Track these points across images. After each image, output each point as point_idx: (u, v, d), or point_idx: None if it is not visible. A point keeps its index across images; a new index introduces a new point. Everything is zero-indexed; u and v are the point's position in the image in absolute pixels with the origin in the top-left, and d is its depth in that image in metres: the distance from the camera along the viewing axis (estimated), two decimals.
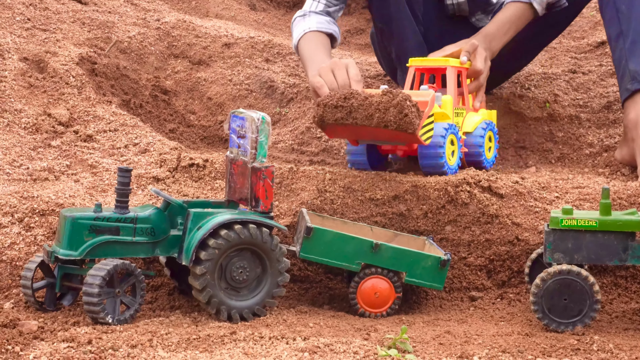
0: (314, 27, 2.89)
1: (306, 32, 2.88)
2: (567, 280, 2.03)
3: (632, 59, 2.74)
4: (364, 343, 1.87)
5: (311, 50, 2.82)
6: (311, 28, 2.88)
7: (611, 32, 2.82)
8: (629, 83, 2.73)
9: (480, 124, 2.58)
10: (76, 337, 1.84)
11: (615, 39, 2.80)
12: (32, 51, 2.90)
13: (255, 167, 2.06)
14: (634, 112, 2.70)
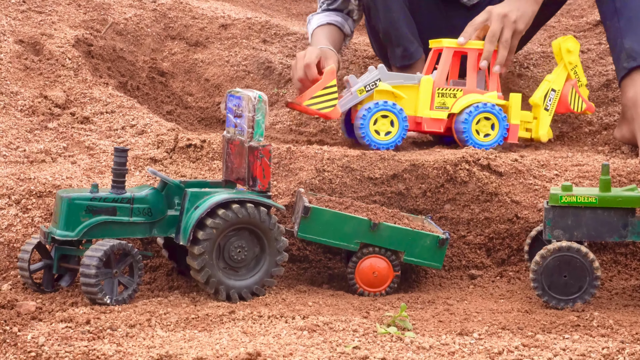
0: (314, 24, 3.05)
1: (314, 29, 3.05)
2: (567, 257, 2.02)
3: (627, 37, 2.73)
4: (363, 321, 1.86)
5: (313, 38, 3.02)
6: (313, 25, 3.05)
7: (605, 9, 2.81)
8: (625, 61, 2.72)
9: (470, 107, 2.54)
10: (74, 318, 1.84)
11: (610, 17, 2.78)
12: (28, 33, 2.88)
13: (253, 146, 2.05)
14: (633, 91, 2.69)
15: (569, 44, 2.67)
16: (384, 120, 2.50)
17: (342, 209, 2.19)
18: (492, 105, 2.55)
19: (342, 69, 3.30)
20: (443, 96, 2.55)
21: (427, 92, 2.55)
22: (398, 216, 2.24)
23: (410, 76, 2.58)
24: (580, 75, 2.68)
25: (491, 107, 2.55)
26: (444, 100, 2.56)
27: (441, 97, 2.56)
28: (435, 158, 2.40)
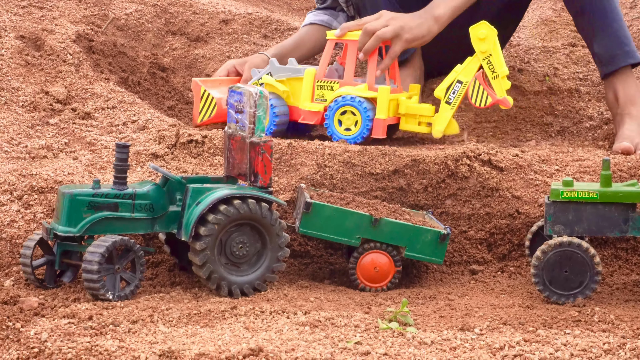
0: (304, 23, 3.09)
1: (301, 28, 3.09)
2: (568, 252, 2.03)
3: (595, 41, 2.74)
4: (365, 317, 1.87)
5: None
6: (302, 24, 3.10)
7: (570, 9, 2.81)
8: (599, 67, 2.75)
9: (335, 99, 2.49)
10: (77, 313, 1.84)
11: (576, 17, 2.79)
12: (29, 29, 2.88)
13: (254, 142, 2.05)
14: (610, 93, 2.74)
15: (481, 30, 2.44)
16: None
17: (344, 205, 2.20)
18: (351, 98, 2.46)
19: None
20: (322, 88, 2.54)
21: (309, 84, 2.54)
22: (399, 211, 2.24)
23: (297, 69, 2.58)
24: (497, 65, 2.44)
25: (351, 100, 2.46)
26: (322, 93, 2.54)
27: (320, 89, 2.54)
28: (437, 153, 2.40)
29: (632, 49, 2.72)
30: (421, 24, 2.56)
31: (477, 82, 2.47)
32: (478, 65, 2.48)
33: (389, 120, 2.48)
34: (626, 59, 2.70)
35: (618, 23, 2.72)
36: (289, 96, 2.57)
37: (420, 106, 2.54)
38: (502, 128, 2.98)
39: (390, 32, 2.52)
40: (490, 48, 2.45)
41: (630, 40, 2.73)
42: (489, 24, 2.47)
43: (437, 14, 2.58)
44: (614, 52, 2.71)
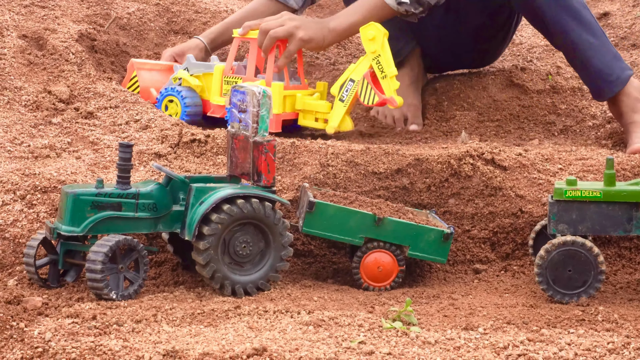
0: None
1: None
2: (572, 252, 2.02)
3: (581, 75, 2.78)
4: (369, 316, 1.87)
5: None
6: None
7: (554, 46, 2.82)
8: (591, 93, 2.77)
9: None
10: (80, 313, 1.84)
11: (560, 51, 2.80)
12: (31, 28, 2.88)
13: (257, 141, 2.05)
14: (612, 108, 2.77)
15: (370, 31, 2.51)
16: (171, 104, 2.71)
17: (347, 204, 2.19)
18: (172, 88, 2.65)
19: (339, 55, 3.30)
20: (228, 83, 2.68)
21: (217, 79, 2.68)
22: (402, 211, 2.24)
23: (210, 65, 2.72)
24: (386, 65, 2.51)
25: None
26: (228, 88, 2.67)
27: (227, 84, 2.68)
28: (440, 152, 2.40)
29: (616, 76, 2.69)
30: (318, 29, 2.65)
31: (366, 81, 2.54)
32: (369, 65, 2.55)
33: (283, 115, 2.61)
34: (613, 88, 2.69)
35: (598, 54, 2.68)
36: (203, 90, 2.72)
37: (316, 103, 2.64)
38: (505, 127, 2.97)
39: (283, 31, 2.61)
40: (379, 48, 2.53)
41: (614, 66, 2.69)
42: (378, 25, 2.54)
43: (332, 26, 2.66)
44: (599, 86, 2.71)
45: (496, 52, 3.14)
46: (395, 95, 2.53)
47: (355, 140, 2.71)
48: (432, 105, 3.05)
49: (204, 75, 2.73)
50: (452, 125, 2.95)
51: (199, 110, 2.71)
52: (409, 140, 2.75)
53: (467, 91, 3.08)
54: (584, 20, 2.68)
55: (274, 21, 2.64)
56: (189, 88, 2.72)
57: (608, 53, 2.69)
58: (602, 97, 2.74)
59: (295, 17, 2.65)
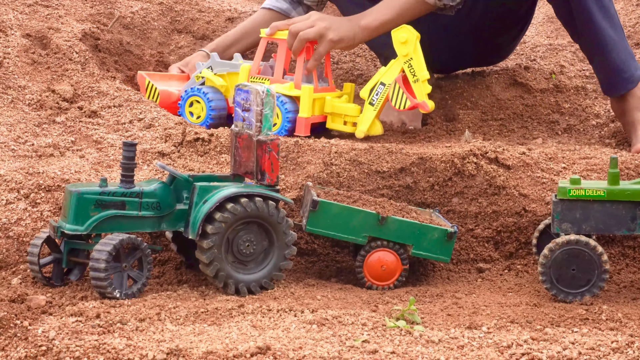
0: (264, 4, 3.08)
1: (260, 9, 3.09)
2: (575, 251, 2.02)
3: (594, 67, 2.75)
4: (372, 315, 1.87)
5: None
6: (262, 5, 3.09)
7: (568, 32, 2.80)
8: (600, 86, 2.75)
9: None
10: (84, 312, 1.84)
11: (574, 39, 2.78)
12: (35, 27, 2.88)
13: (261, 140, 2.05)
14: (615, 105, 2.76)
15: (402, 34, 2.48)
16: (197, 105, 2.66)
17: (350, 203, 2.20)
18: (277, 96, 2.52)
19: (349, 62, 3.30)
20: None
21: (243, 79, 2.63)
22: (406, 210, 2.24)
23: (235, 64, 2.68)
24: (417, 69, 2.48)
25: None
26: None
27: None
28: (443, 151, 2.40)
29: (630, 74, 2.68)
30: (348, 28, 2.59)
31: (397, 85, 2.51)
32: (400, 68, 2.52)
33: (312, 118, 2.56)
34: (626, 85, 2.69)
35: (616, 50, 2.67)
36: (227, 90, 2.67)
37: (345, 106, 2.60)
38: (508, 126, 2.97)
39: (314, 32, 2.56)
40: (411, 52, 2.49)
41: (630, 64, 2.69)
42: (411, 28, 2.51)
43: (364, 23, 2.59)
44: (613, 81, 2.70)
45: (507, 49, 3.11)
46: (427, 99, 2.51)
47: (358, 139, 2.71)
48: (435, 104, 3.05)
49: (228, 75, 2.68)
50: (455, 124, 2.95)
51: (223, 113, 2.66)
52: (413, 139, 2.75)
53: (471, 90, 3.08)
54: (609, 13, 2.66)
55: (303, 22, 2.58)
56: (214, 88, 2.65)
57: (625, 50, 2.69)
58: (614, 93, 2.72)
59: (324, 17, 2.60)
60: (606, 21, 2.66)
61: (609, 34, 2.66)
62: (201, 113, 2.64)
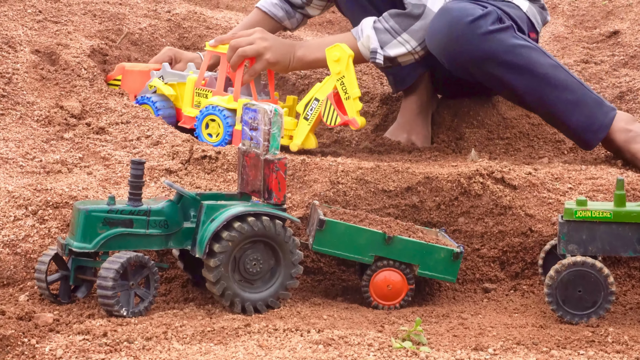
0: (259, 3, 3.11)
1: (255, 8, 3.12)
2: (582, 272, 2.03)
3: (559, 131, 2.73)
4: (378, 335, 1.87)
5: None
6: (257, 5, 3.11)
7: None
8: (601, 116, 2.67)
9: (204, 107, 2.68)
10: (91, 330, 1.85)
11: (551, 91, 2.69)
12: (44, 43, 2.90)
13: (268, 159, 2.06)
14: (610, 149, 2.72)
15: (335, 52, 2.55)
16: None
17: (357, 222, 2.20)
18: (214, 108, 2.64)
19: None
20: (199, 95, 2.74)
21: (189, 90, 2.74)
22: (412, 229, 2.25)
23: (184, 75, 2.78)
24: (349, 87, 2.54)
25: (214, 109, 2.64)
26: (199, 100, 2.74)
27: (198, 96, 2.74)
28: (450, 171, 2.40)
29: (599, 124, 2.62)
30: (285, 53, 2.68)
31: (329, 101, 2.58)
32: (333, 85, 2.59)
33: None
34: (598, 135, 2.63)
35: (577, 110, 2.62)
36: (177, 99, 2.79)
37: (287, 120, 2.67)
38: (514, 145, 2.98)
39: (251, 50, 2.65)
40: (343, 70, 2.56)
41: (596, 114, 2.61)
42: (344, 46, 2.58)
43: (299, 55, 2.69)
44: (583, 138, 2.66)
45: None
46: (357, 116, 2.57)
47: (365, 157, 2.72)
48: (441, 123, 3.06)
49: (178, 85, 2.79)
50: (461, 143, 2.96)
51: (172, 121, 2.77)
52: (419, 158, 2.76)
53: (477, 109, 3.08)
54: (557, 81, 2.61)
55: (244, 38, 2.67)
56: (163, 97, 2.78)
57: (587, 104, 2.63)
58: (589, 147, 2.70)
59: (267, 37, 2.67)
60: (556, 90, 2.61)
61: (563, 100, 2.61)
62: None
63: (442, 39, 2.59)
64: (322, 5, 3.07)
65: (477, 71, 2.62)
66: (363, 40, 2.66)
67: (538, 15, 2.90)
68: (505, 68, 2.59)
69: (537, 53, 2.62)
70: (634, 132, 2.64)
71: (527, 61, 2.60)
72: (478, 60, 2.58)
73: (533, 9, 2.88)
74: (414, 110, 2.95)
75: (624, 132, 2.64)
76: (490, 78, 2.64)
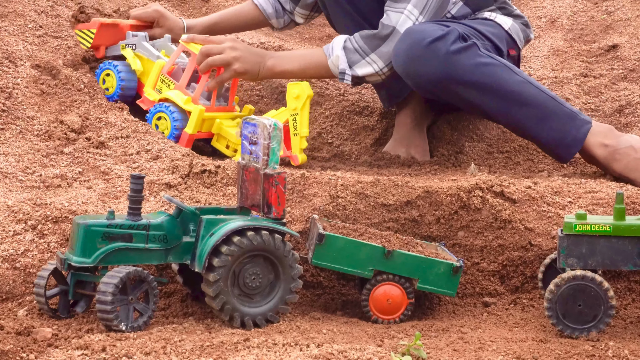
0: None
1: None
2: (582, 286, 2.02)
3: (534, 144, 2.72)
4: (378, 350, 1.86)
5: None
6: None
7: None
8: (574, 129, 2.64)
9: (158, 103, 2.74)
10: (90, 345, 1.84)
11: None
12: (44, 58, 2.91)
13: (268, 174, 2.06)
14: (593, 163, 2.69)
15: (295, 89, 2.65)
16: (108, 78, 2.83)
17: (356, 236, 2.20)
18: (166, 106, 2.70)
19: (355, 93, 3.31)
20: (163, 82, 2.77)
21: (155, 74, 2.77)
22: (412, 243, 2.24)
23: (154, 54, 2.80)
24: (300, 125, 2.65)
25: (165, 108, 2.70)
26: (162, 86, 2.77)
27: (161, 82, 2.77)
28: (449, 185, 2.40)
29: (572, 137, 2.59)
30: (255, 64, 2.72)
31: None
32: (285, 119, 2.68)
33: (197, 135, 2.71)
34: (571, 150, 2.62)
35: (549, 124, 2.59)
36: (142, 74, 2.81)
37: (230, 131, 2.74)
38: (514, 158, 2.98)
39: (220, 60, 2.69)
40: (299, 107, 2.66)
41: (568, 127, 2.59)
42: (306, 85, 2.67)
43: (270, 64, 2.73)
44: (556, 152, 2.65)
45: None
46: (300, 153, 2.68)
47: (365, 171, 2.72)
48: (441, 136, 3.06)
49: (147, 60, 2.81)
50: (461, 156, 2.96)
51: (133, 91, 2.81)
52: (419, 172, 2.76)
53: (476, 122, 3.09)
54: (526, 98, 2.59)
55: (216, 46, 2.70)
56: (128, 66, 2.80)
57: (559, 117, 2.60)
58: (564, 160, 2.69)
59: (237, 47, 2.70)
60: (525, 107, 2.59)
61: (533, 116, 2.59)
62: (112, 86, 2.81)
63: (403, 61, 2.62)
64: (305, 14, 3.12)
65: (442, 92, 2.64)
66: (333, 59, 2.71)
67: (521, 32, 2.91)
68: (469, 88, 2.60)
69: (503, 70, 2.61)
70: (611, 147, 2.60)
71: (492, 79, 2.60)
72: (440, 81, 2.59)
73: (516, 26, 2.88)
74: (409, 124, 2.96)
75: (602, 147, 2.61)
76: (455, 98, 2.66)
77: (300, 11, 3.11)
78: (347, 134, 3.13)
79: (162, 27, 2.98)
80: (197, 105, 2.69)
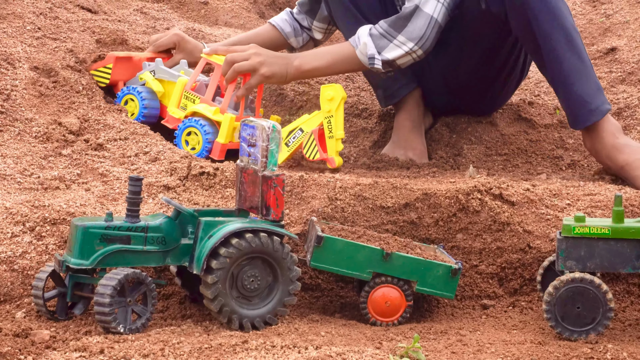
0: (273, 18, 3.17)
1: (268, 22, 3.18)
2: (580, 288, 2.02)
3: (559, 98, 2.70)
4: (376, 352, 1.86)
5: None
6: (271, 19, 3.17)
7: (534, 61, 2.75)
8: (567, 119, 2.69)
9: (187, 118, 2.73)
10: (88, 347, 1.84)
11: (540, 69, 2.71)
12: (43, 60, 2.91)
13: (266, 176, 2.06)
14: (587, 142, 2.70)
15: (329, 92, 2.63)
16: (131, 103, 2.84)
17: (355, 238, 2.20)
18: (196, 120, 2.69)
19: (354, 95, 3.32)
20: (187, 99, 2.78)
21: (178, 92, 2.78)
22: (410, 245, 2.24)
23: (174, 74, 2.82)
24: (335, 127, 2.64)
25: (194, 122, 2.69)
26: (186, 103, 2.78)
27: (185, 99, 2.78)
28: (448, 187, 2.40)
29: (595, 106, 2.62)
30: (281, 66, 2.70)
31: (312, 136, 2.66)
32: (320, 122, 2.66)
33: (229, 145, 2.68)
34: (590, 117, 2.62)
35: (581, 81, 2.62)
36: (164, 96, 2.83)
37: None
38: (512, 161, 2.98)
39: (247, 66, 2.68)
40: (333, 110, 2.64)
41: (596, 96, 2.62)
42: (339, 87, 2.65)
43: (296, 64, 2.71)
44: (576, 112, 2.65)
45: (500, 96, 3.06)
46: (336, 156, 2.66)
47: (363, 174, 2.72)
48: (440, 139, 3.06)
49: (168, 82, 2.82)
50: (460, 159, 2.96)
51: (155, 112, 2.81)
52: (417, 175, 2.76)
53: (475, 125, 3.09)
54: (574, 43, 2.63)
55: (240, 54, 2.69)
56: (149, 89, 2.82)
57: (592, 82, 2.63)
58: (578, 125, 2.67)
59: (261, 52, 2.70)
60: (571, 52, 2.62)
61: (573, 63, 2.62)
62: (135, 110, 2.81)
63: None
64: (323, 28, 3.11)
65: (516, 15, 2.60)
66: (360, 47, 2.67)
67: None
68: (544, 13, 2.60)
69: (565, 7, 2.64)
70: (622, 140, 2.63)
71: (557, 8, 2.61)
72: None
73: None
74: (407, 127, 2.96)
75: (612, 135, 2.63)
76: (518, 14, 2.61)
77: (318, 25, 3.10)
78: (345, 136, 3.13)
79: (183, 51, 2.97)
80: (226, 114, 2.68)
